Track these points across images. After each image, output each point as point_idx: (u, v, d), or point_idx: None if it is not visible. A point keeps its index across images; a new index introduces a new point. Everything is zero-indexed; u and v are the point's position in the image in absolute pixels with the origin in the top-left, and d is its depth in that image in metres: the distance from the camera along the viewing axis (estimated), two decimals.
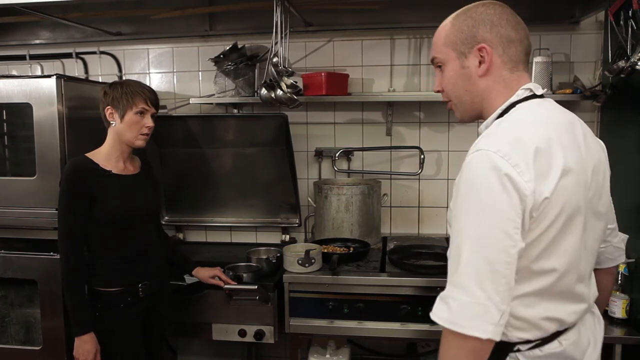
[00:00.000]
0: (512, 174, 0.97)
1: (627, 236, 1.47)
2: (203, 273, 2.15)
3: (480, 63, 1.14)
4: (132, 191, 1.91)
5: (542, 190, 0.99)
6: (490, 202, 0.98)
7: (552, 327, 1.11)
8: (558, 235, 1.05)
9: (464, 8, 1.19)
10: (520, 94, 1.14)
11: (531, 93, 1.15)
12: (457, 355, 1.00)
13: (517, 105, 1.13)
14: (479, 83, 1.16)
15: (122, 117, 1.85)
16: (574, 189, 1.05)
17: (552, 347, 1.11)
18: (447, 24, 1.20)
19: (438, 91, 1.24)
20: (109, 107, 1.85)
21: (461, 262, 1.00)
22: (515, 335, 1.10)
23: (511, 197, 0.97)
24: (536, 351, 1.11)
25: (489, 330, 0.97)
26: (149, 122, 1.89)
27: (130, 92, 1.85)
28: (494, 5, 1.18)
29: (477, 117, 1.20)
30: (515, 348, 1.11)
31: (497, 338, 0.99)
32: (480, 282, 0.97)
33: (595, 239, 1.19)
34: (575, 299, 1.13)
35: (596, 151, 1.18)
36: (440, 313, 1.02)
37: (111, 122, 1.86)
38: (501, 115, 1.14)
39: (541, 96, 1.17)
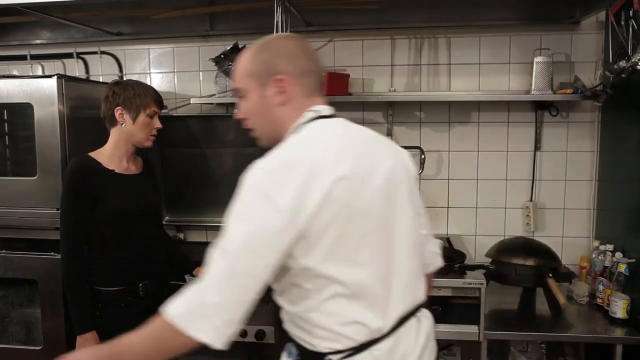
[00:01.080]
0: (272, 192, 1.03)
1: (441, 241, 1.49)
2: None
3: (279, 93, 1.19)
4: (134, 191, 1.91)
5: (308, 203, 1.03)
6: (250, 216, 1.04)
7: (360, 336, 1.12)
8: (342, 241, 1.08)
9: (263, 40, 1.23)
10: (307, 115, 1.20)
11: (317, 115, 1.20)
12: (169, 348, 1.05)
13: (303, 127, 1.19)
14: (276, 111, 1.21)
15: (134, 119, 1.85)
16: (353, 197, 1.08)
17: (362, 356, 1.12)
18: (248, 55, 1.22)
19: (241, 118, 1.28)
20: (119, 107, 1.84)
21: (212, 264, 1.05)
22: (323, 345, 1.12)
23: (269, 212, 1.03)
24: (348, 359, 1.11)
25: (208, 334, 1.01)
26: (158, 123, 1.91)
27: (143, 94, 1.85)
28: (292, 38, 1.26)
29: (277, 141, 1.23)
30: (327, 358, 1.12)
31: (218, 345, 1.02)
32: (220, 288, 1.02)
33: (406, 243, 1.20)
34: (382, 305, 1.14)
35: (390, 160, 1.23)
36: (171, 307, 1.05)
37: (120, 123, 1.86)
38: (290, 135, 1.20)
39: (331, 116, 1.23)
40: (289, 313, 1.16)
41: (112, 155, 1.89)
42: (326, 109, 1.23)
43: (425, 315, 1.28)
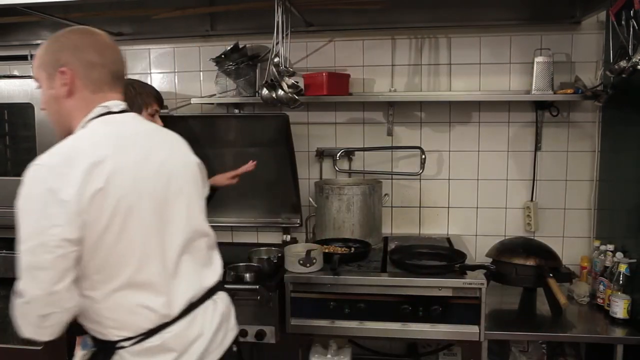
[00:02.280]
0: (54, 184, 1.09)
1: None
2: (220, 179, 2.18)
3: (63, 85, 1.21)
4: None
5: (87, 194, 1.08)
6: (36, 211, 1.10)
7: (148, 323, 1.19)
8: (121, 232, 1.14)
9: (56, 33, 1.26)
10: (96, 111, 1.23)
11: (106, 110, 1.24)
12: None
13: (92, 122, 1.22)
14: (64, 104, 1.23)
15: None
16: (128, 188, 1.15)
17: (151, 341, 1.19)
18: (42, 47, 1.26)
19: (43, 109, 1.30)
20: None
21: (21, 262, 1.11)
22: (114, 334, 1.19)
23: (53, 205, 1.08)
24: (136, 347, 1.19)
25: (29, 331, 1.10)
26: (159, 122, 1.91)
27: (145, 92, 1.86)
28: (81, 31, 1.27)
29: (68, 134, 1.25)
30: (118, 345, 1.19)
31: (44, 338, 1.11)
32: (24, 287, 1.09)
33: (184, 233, 1.26)
34: (166, 293, 1.21)
35: (167, 155, 1.28)
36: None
37: None
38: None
39: (122, 111, 1.27)
40: (80, 306, 1.20)
41: None
42: (116, 105, 1.26)
43: (221, 298, 1.38)
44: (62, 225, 1.08)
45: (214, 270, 1.39)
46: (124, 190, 1.14)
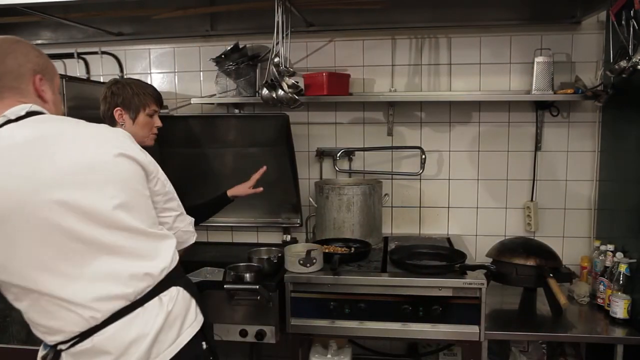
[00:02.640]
0: None
1: (193, 219, 1.61)
2: (241, 190, 2.24)
3: None
4: None
5: None
6: None
7: (78, 327, 1.21)
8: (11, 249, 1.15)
9: None
10: None
11: (6, 119, 1.22)
12: None
13: None
14: None
15: (134, 119, 1.84)
16: (13, 207, 1.13)
17: (82, 344, 1.21)
18: None
19: None
20: (118, 108, 1.84)
21: None
22: (49, 339, 1.24)
23: None
24: (71, 350, 1.22)
25: None
26: (158, 122, 1.91)
27: (142, 93, 1.85)
28: None
29: None
30: (58, 348, 1.24)
31: None
32: None
33: (97, 231, 1.21)
34: (85, 298, 1.20)
35: (77, 150, 1.22)
36: None
37: (120, 123, 1.85)
38: None
39: (20, 118, 1.23)
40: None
41: None
42: (16, 113, 1.23)
43: (169, 295, 1.32)
44: None
45: (156, 265, 1.31)
46: (7, 215, 1.14)
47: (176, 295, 1.34)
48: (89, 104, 2.20)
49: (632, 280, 2.07)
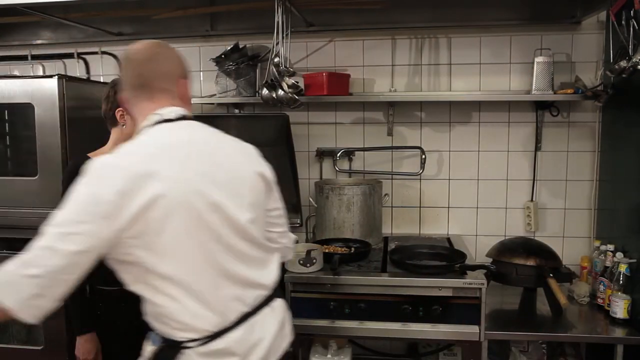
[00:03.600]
0: (100, 185, 1.13)
1: (297, 237, 1.66)
2: None
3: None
4: None
5: (133, 202, 1.12)
6: (76, 203, 1.13)
7: (211, 327, 1.24)
8: (165, 237, 1.16)
9: None
10: (152, 118, 1.31)
11: (162, 118, 1.31)
12: None
13: (153, 127, 1.30)
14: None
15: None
16: (180, 198, 1.18)
17: (214, 344, 1.24)
18: None
19: None
20: (120, 108, 1.84)
21: (45, 238, 1.11)
22: (180, 335, 1.24)
23: (95, 204, 1.11)
24: (202, 348, 1.23)
25: (11, 302, 1.08)
26: None
27: None
28: (124, 52, 1.43)
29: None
30: (184, 345, 1.23)
31: (25, 316, 1.10)
32: (35, 263, 1.10)
33: (238, 244, 1.29)
34: (222, 298, 1.26)
35: (240, 168, 1.35)
36: None
37: (121, 124, 1.85)
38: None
39: (176, 119, 1.32)
40: (147, 308, 1.26)
41: None
42: (172, 113, 1.33)
43: (279, 304, 1.42)
44: (98, 226, 1.11)
45: (268, 276, 1.40)
46: (172, 203, 1.17)
47: (282, 305, 1.44)
48: (89, 104, 2.20)
49: (632, 280, 2.07)
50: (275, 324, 1.38)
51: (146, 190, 1.14)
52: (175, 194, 1.17)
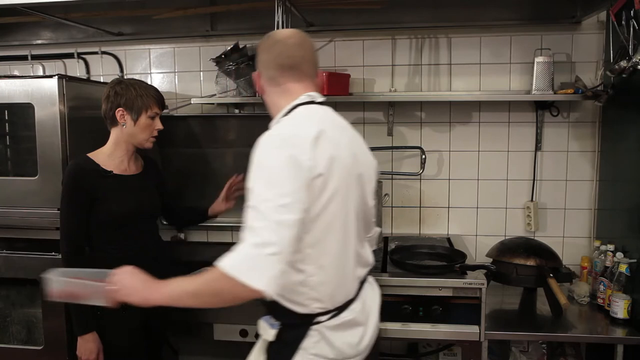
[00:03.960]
0: (294, 152, 1.19)
1: (381, 229, 1.76)
2: (217, 207, 2.22)
3: (259, 86, 1.49)
4: (133, 192, 1.91)
5: (316, 167, 1.21)
6: (283, 172, 1.17)
7: (343, 297, 1.34)
8: (321, 200, 1.24)
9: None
10: (303, 98, 1.40)
11: (311, 99, 1.41)
12: (224, 297, 1.16)
13: (299, 107, 1.38)
14: (265, 98, 1.50)
15: (135, 120, 1.84)
16: (341, 174, 1.28)
17: (344, 315, 1.33)
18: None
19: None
20: (120, 108, 1.83)
21: (255, 223, 1.15)
22: (314, 306, 1.29)
23: (293, 169, 1.17)
24: (332, 321, 1.30)
25: (264, 282, 1.11)
26: (159, 124, 1.91)
27: (145, 94, 1.85)
28: (264, 37, 1.50)
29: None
30: (316, 320, 1.29)
31: (271, 292, 1.13)
32: (270, 242, 1.12)
33: (357, 224, 1.38)
34: (353, 273, 1.38)
35: (368, 157, 1.49)
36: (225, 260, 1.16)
37: (121, 124, 1.85)
38: (287, 113, 1.39)
39: (321, 103, 1.44)
40: (291, 278, 1.27)
41: (112, 155, 1.88)
42: (319, 97, 1.44)
43: (371, 279, 1.57)
44: (303, 190, 1.17)
45: (371, 257, 1.53)
46: (337, 176, 1.26)
47: (373, 280, 1.58)
48: (89, 104, 2.20)
49: (632, 280, 2.07)
50: (375, 296, 1.52)
51: (324, 154, 1.23)
52: (339, 162, 1.27)
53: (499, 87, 2.61)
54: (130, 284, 1.26)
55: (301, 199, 1.16)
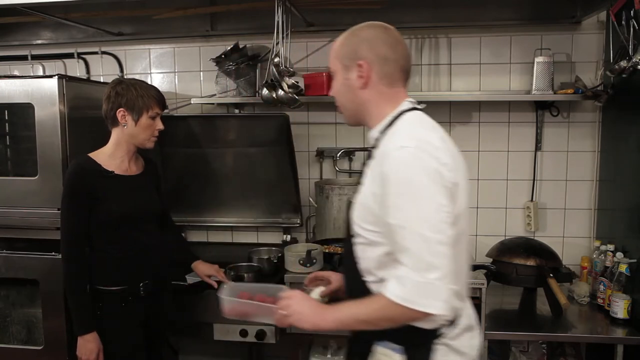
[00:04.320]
0: (435, 163, 1.14)
1: None
2: (201, 268, 2.13)
3: (359, 77, 1.29)
4: (134, 192, 1.91)
5: (453, 177, 1.17)
6: (428, 189, 1.12)
7: (460, 306, 1.29)
8: (460, 218, 1.21)
9: (353, 27, 1.34)
10: (406, 105, 1.34)
11: (413, 106, 1.35)
12: (396, 321, 1.16)
13: (406, 114, 1.32)
14: (359, 94, 1.31)
15: (136, 121, 1.83)
16: (462, 180, 1.24)
17: (463, 322, 1.28)
18: (339, 39, 1.34)
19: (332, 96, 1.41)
20: (121, 108, 1.83)
21: (411, 245, 1.10)
22: (444, 319, 1.21)
23: (438, 182, 1.13)
24: (454, 329, 1.24)
25: (438, 307, 1.09)
26: (160, 124, 1.90)
27: (146, 95, 1.84)
28: (378, 27, 1.34)
29: (360, 123, 1.37)
30: (439, 333, 1.22)
31: (448, 313, 1.12)
32: (436, 264, 1.09)
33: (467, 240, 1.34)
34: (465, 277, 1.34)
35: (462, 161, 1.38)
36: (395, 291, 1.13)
37: (122, 124, 1.85)
38: (392, 122, 1.31)
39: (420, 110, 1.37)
40: None
41: (112, 155, 1.88)
42: (418, 103, 1.38)
43: None
44: (449, 201, 1.14)
45: None
46: (462, 175, 1.24)
47: None
48: (89, 104, 2.20)
49: (632, 280, 2.07)
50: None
51: (452, 162, 1.19)
52: (460, 169, 1.24)
53: (499, 87, 2.60)
54: (300, 310, 1.26)
55: (450, 212, 1.13)
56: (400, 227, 1.12)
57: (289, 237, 2.81)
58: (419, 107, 1.36)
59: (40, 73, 2.77)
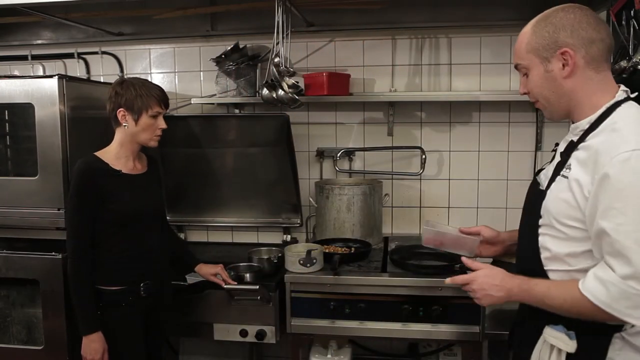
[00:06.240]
0: None
1: None
2: (205, 270, 2.14)
3: (563, 66, 1.21)
4: (140, 190, 1.91)
5: None
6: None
7: None
8: None
9: (543, 14, 1.28)
10: (621, 94, 1.22)
11: (627, 94, 1.23)
12: (583, 315, 1.16)
13: (622, 105, 1.20)
14: (564, 84, 1.23)
15: (136, 121, 1.83)
16: None
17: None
18: (527, 31, 1.28)
19: (524, 93, 1.35)
20: (121, 109, 1.83)
21: (631, 251, 1.07)
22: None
23: None
24: (635, 326, 1.18)
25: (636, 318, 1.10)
26: (162, 124, 1.90)
27: (146, 94, 1.83)
28: (573, 9, 1.24)
29: (566, 116, 1.30)
30: (621, 326, 1.18)
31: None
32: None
33: None
34: None
35: None
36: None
37: (123, 125, 1.85)
38: (605, 114, 1.20)
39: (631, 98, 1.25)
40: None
41: (118, 155, 1.88)
42: (629, 90, 1.25)
43: None
44: None
45: None
46: None
47: None
48: (89, 104, 2.20)
49: None
50: None
51: None
52: None
53: (499, 87, 2.60)
54: (490, 273, 1.33)
55: None
56: (616, 231, 1.09)
57: (289, 237, 2.81)
58: (632, 96, 1.24)
59: (41, 73, 2.77)
